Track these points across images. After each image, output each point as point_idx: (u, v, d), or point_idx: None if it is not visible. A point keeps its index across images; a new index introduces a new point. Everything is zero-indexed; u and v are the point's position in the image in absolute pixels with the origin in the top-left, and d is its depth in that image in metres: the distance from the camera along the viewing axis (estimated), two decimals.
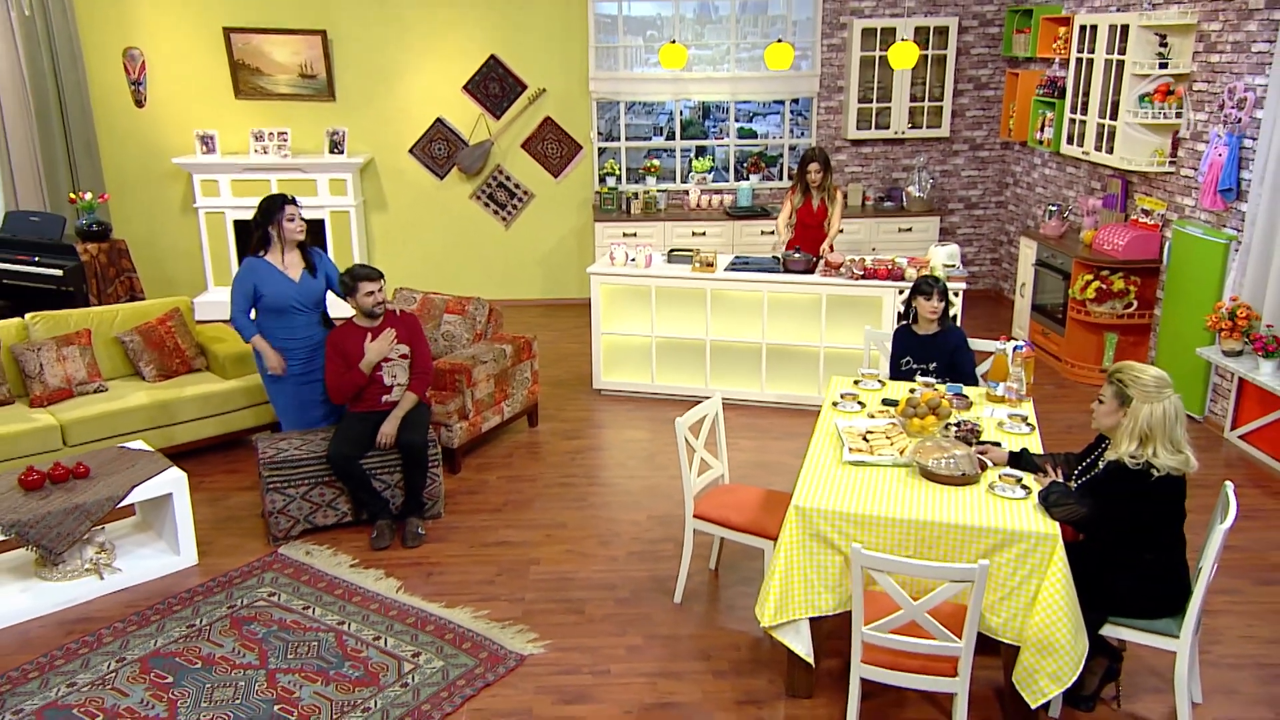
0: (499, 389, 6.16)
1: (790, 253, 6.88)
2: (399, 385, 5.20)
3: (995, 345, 5.09)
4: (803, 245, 7.15)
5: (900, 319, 5.40)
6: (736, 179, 9.53)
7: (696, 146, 9.60)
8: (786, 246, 7.22)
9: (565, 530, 5.23)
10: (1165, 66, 6.67)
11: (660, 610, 4.48)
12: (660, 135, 9.69)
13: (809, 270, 6.77)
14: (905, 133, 9.17)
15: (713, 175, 9.52)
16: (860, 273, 6.63)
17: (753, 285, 6.77)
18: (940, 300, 5.02)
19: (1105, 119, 7.13)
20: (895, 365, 5.23)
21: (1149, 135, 6.85)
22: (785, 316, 6.82)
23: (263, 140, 8.94)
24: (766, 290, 6.75)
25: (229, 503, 5.55)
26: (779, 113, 9.57)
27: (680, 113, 9.43)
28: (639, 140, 9.58)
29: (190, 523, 4.89)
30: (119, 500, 4.63)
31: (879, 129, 9.16)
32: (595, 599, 4.58)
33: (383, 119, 9.16)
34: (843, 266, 6.71)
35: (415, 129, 9.20)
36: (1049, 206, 8.13)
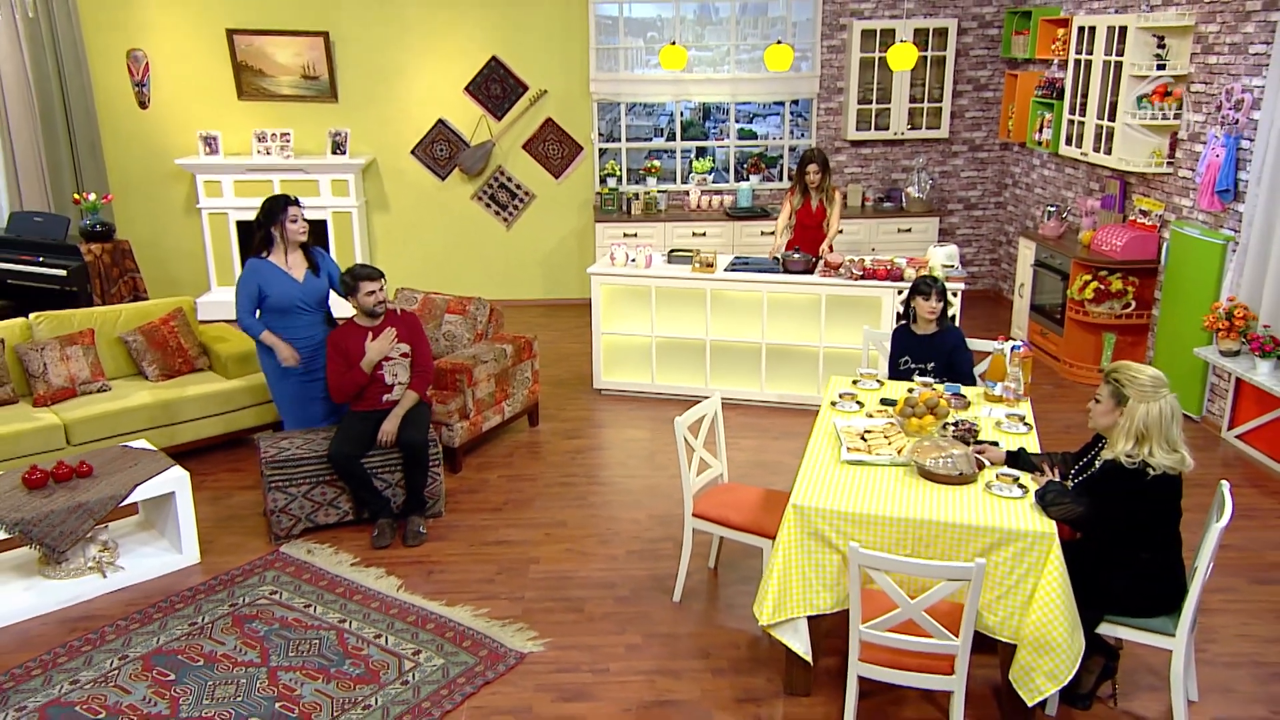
0: (500, 388, 6.18)
1: (790, 253, 6.90)
2: (400, 384, 5.23)
3: (993, 345, 5.10)
4: (802, 246, 7.17)
5: (899, 319, 5.42)
6: (737, 180, 9.55)
7: (697, 147, 9.62)
8: (786, 247, 7.24)
9: (565, 529, 5.25)
10: (1163, 68, 6.70)
11: (659, 609, 4.50)
12: (661, 136, 9.71)
13: (808, 270, 6.79)
14: (905, 134, 9.19)
15: (713, 176, 9.54)
16: (859, 273, 6.66)
17: (752, 285, 6.79)
18: (939, 300, 5.04)
19: (1103, 120, 7.15)
20: (894, 365, 5.25)
21: (1147, 136, 6.87)
22: (785, 316, 6.84)
23: (265, 141, 8.98)
24: (766, 290, 6.78)
25: (231, 501, 5.58)
26: (779, 114, 9.59)
27: (680, 114, 9.46)
28: (639, 141, 9.60)
29: (192, 521, 4.92)
30: (122, 499, 4.66)
31: (878, 130, 9.18)
32: (595, 597, 4.60)
33: (384, 120, 9.19)
34: (842, 267, 6.73)
35: (417, 130, 9.23)
36: (1047, 207, 8.15)
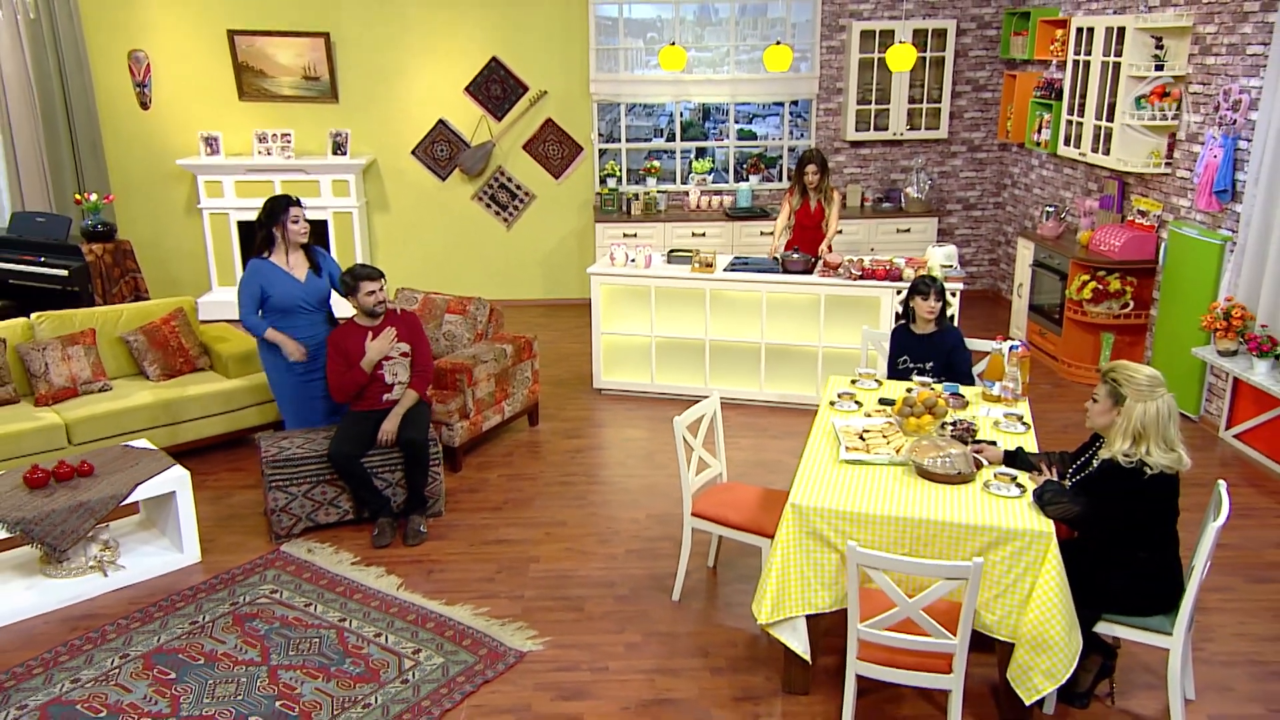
0: (500, 388, 6.20)
1: (789, 253, 6.91)
2: (400, 383, 5.24)
3: (991, 345, 5.12)
4: (801, 246, 7.19)
5: (898, 319, 5.44)
6: (736, 180, 9.56)
7: (696, 148, 9.63)
8: (785, 247, 7.25)
9: (565, 528, 5.27)
10: (1161, 69, 6.71)
11: (658, 608, 4.52)
12: (660, 137, 9.71)
13: (807, 271, 6.80)
14: (904, 134, 9.20)
15: (712, 176, 9.55)
16: (858, 273, 6.67)
17: (752, 285, 6.80)
18: (937, 300, 5.05)
19: (1102, 121, 7.17)
20: (893, 365, 5.27)
21: (1145, 137, 6.88)
22: (784, 316, 6.85)
23: (266, 142, 8.99)
24: (765, 290, 6.79)
25: (232, 501, 5.59)
26: (778, 114, 9.60)
27: (680, 114, 9.47)
28: (639, 142, 9.61)
29: (193, 520, 4.93)
30: (123, 498, 4.67)
31: (878, 130, 9.19)
32: (594, 596, 4.61)
33: (385, 120, 9.20)
34: (841, 267, 6.74)
35: (417, 130, 9.25)
36: (1046, 207, 8.16)
